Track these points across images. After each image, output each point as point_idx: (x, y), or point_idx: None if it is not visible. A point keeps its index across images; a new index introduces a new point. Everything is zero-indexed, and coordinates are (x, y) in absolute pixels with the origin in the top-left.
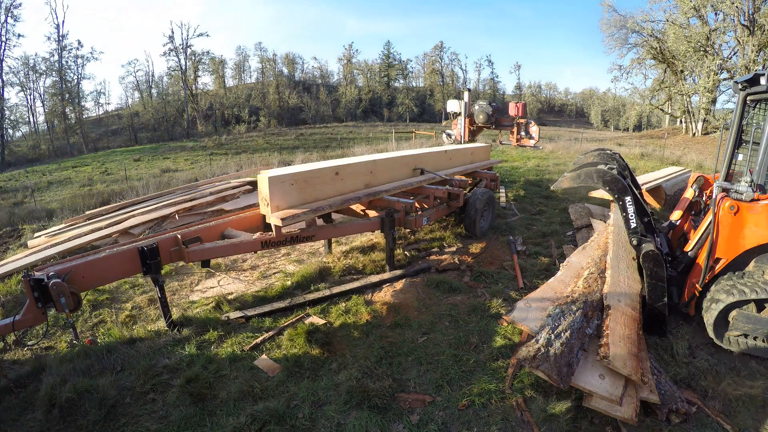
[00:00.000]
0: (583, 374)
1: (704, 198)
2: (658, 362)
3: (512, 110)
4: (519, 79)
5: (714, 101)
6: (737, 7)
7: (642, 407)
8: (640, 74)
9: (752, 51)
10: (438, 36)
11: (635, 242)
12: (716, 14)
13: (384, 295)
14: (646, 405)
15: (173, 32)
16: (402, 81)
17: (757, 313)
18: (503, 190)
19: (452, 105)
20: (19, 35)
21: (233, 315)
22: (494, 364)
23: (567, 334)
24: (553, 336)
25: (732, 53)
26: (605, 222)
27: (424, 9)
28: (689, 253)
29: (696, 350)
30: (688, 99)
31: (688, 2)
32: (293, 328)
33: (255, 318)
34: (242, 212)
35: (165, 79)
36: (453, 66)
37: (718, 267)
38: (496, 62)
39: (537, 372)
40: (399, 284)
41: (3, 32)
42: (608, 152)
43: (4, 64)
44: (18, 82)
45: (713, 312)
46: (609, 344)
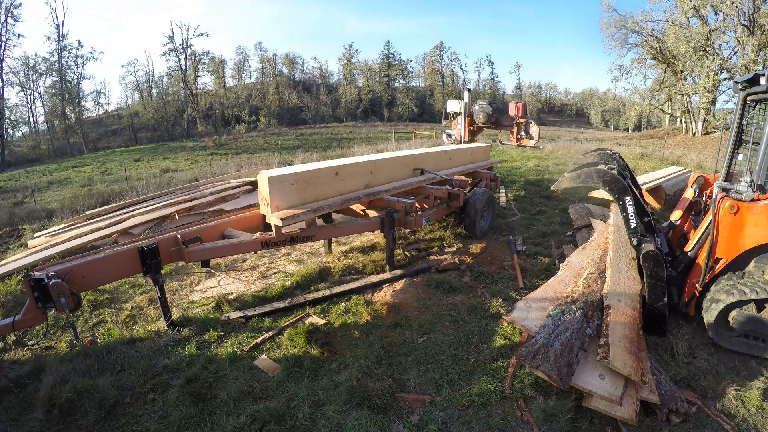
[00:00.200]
0: (583, 374)
1: (704, 198)
2: (658, 362)
3: (512, 110)
4: (519, 79)
5: (714, 101)
6: (737, 7)
7: (642, 407)
8: (640, 74)
9: (752, 51)
10: (438, 36)
11: (635, 242)
12: (716, 14)
13: (384, 295)
14: (646, 405)
15: (173, 32)
16: (402, 81)
17: (757, 313)
18: (503, 190)
19: (452, 105)
20: (19, 35)
21: (233, 315)
22: (494, 364)
23: (567, 334)
24: (553, 336)
25: (732, 53)
26: (605, 222)
27: (424, 9)
28: (689, 253)
29: (696, 350)
30: (688, 99)
31: (688, 2)
32: (293, 328)
33: (255, 318)
34: (242, 212)
35: (165, 79)
36: (453, 66)
37: (718, 267)
38: (496, 62)
39: (537, 372)
40: (399, 284)
41: (3, 32)
42: (608, 152)
43: (4, 64)
44: (18, 82)
45: (713, 312)
46: (609, 344)
